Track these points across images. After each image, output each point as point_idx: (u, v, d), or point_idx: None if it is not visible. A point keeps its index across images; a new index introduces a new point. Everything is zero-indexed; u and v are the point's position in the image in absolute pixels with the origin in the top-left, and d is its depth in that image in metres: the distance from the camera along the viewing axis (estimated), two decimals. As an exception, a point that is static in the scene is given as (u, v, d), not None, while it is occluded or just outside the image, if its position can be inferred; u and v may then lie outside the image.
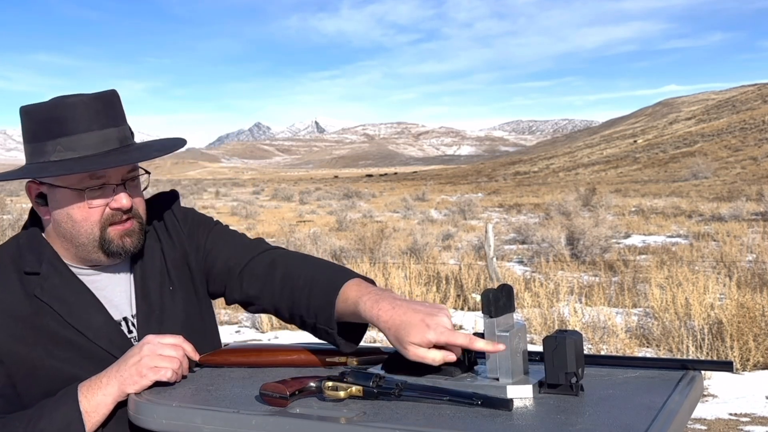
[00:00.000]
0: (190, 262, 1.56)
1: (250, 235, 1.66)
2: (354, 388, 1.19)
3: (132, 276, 1.52)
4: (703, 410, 4.94)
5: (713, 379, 5.50)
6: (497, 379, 1.22)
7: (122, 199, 1.41)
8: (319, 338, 1.45)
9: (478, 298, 8.37)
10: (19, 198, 42.96)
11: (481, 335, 1.26)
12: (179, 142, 1.51)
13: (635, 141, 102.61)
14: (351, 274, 1.43)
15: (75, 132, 1.38)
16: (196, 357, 1.38)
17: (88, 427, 1.30)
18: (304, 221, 24.30)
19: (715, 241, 14.50)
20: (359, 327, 1.41)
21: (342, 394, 1.19)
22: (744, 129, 78.92)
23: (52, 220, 1.44)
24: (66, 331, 1.39)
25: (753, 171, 49.57)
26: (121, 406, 1.34)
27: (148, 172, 1.51)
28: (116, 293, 1.49)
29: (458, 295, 8.88)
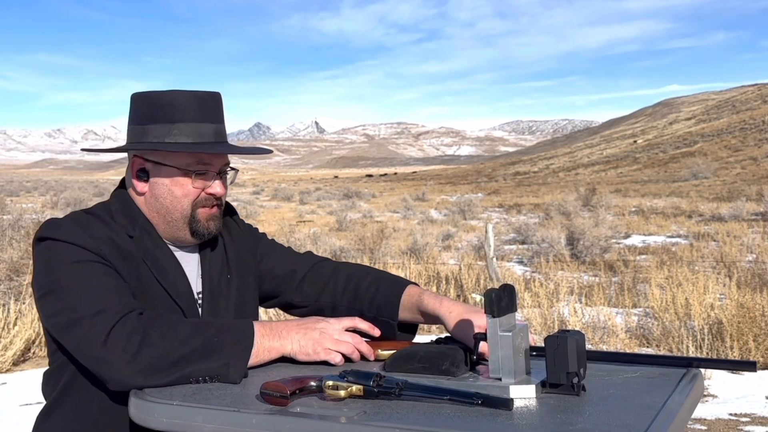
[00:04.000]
0: (248, 258, 1.75)
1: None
2: (354, 388, 1.19)
3: (199, 260, 1.67)
4: (703, 410, 4.94)
5: (713, 379, 5.50)
6: (500, 379, 1.22)
7: (218, 187, 1.59)
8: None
9: (478, 298, 8.37)
10: (19, 198, 42.96)
11: (484, 336, 1.27)
12: (268, 150, 1.74)
13: (635, 141, 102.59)
14: (409, 281, 1.72)
15: (190, 120, 1.55)
16: (376, 333, 1.52)
17: (251, 360, 1.39)
18: (304, 221, 24.28)
19: (715, 241, 14.50)
20: (411, 326, 1.67)
21: (342, 393, 1.19)
22: (744, 129, 78.85)
23: (149, 194, 1.58)
24: (153, 284, 1.55)
25: (753, 171, 49.52)
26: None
27: (236, 170, 1.67)
28: (186, 270, 1.63)
29: (458, 295, 8.88)
